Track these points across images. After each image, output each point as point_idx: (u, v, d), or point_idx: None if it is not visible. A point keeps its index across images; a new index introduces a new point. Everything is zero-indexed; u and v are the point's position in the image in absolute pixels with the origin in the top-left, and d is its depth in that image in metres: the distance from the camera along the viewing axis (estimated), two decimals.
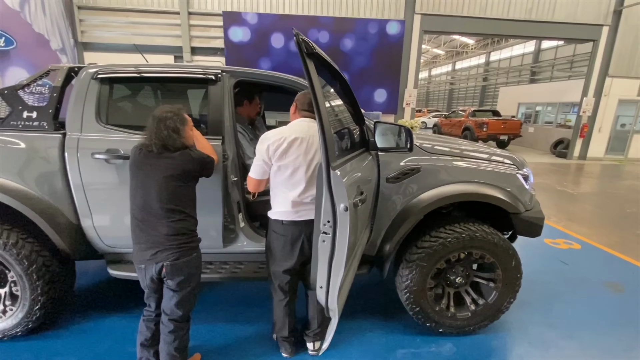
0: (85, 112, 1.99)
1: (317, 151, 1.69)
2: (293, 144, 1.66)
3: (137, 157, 1.60)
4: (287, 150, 1.66)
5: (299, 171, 1.69)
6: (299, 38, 1.19)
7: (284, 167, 1.69)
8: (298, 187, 1.70)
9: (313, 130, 1.71)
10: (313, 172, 1.69)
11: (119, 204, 2.01)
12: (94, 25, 8.88)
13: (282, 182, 1.72)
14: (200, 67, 2.11)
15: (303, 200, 1.71)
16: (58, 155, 1.96)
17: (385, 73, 9.64)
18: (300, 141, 1.67)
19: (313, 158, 1.70)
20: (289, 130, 1.71)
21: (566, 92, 13.60)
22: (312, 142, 1.69)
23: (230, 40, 8.97)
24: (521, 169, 2.29)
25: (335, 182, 1.18)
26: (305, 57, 1.19)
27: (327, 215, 1.23)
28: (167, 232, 1.57)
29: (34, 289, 1.98)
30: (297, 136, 1.68)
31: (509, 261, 2.14)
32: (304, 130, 1.71)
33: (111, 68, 2.03)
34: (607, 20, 10.29)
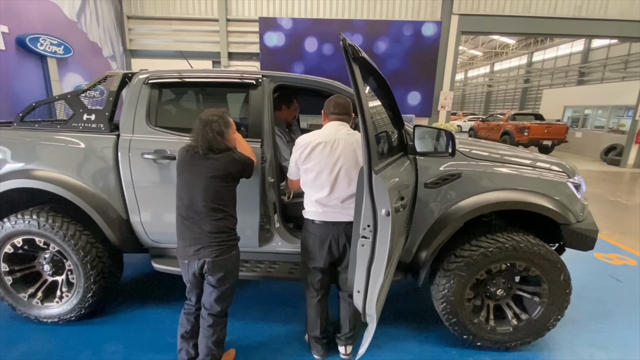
0: (137, 115, 2.13)
1: (342, 154, 1.73)
2: (316, 148, 1.74)
3: (184, 157, 1.69)
4: (309, 154, 1.74)
5: (323, 174, 1.74)
6: (346, 43, 1.20)
7: (309, 170, 1.77)
8: (323, 189, 1.75)
9: (340, 134, 1.76)
10: (338, 175, 1.73)
11: (164, 202, 2.13)
12: (141, 33, 9.50)
13: (309, 184, 1.80)
14: (241, 72, 2.19)
15: (329, 202, 1.76)
16: (112, 155, 2.11)
17: (420, 75, 9.43)
18: (323, 145, 1.73)
19: (337, 161, 1.73)
20: (316, 135, 1.79)
21: (620, 95, 12.54)
22: (336, 146, 1.73)
23: (265, 45, 9.21)
24: (572, 177, 2.14)
25: (377, 186, 1.17)
26: (351, 62, 1.20)
27: (367, 219, 1.23)
28: (210, 230, 1.63)
29: (87, 278, 2.14)
30: (321, 140, 1.74)
31: (557, 275, 2.00)
32: (330, 134, 1.77)
33: (160, 74, 2.16)
34: None
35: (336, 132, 1.77)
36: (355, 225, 1.32)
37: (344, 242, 1.77)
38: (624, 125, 12.63)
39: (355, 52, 1.25)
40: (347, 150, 1.73)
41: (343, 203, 1.74)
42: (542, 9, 9.28)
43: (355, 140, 1.75)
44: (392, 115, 1.95)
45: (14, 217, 2.10)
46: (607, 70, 19.55)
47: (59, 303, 2.23)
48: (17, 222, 2.08)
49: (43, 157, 2.13)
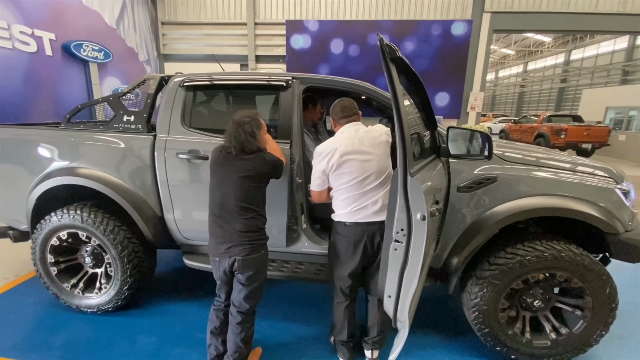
0: (173, 117, 2.21)
1: (370, 153, 1.72)
2: (344, 154, 1.72)
3: (217, 157, 1.74)
4: (340, 161, 1.72)
5: (354, 178, 1.72)
6: (383, 42, 1.18)
7: (340, 174, 1.75)
8: (355, 190, 1.74)
9: (360, 133, 1.77)
10: (369, 176, 1.71)
11: (196, 201, 2.20)
12: (174, 38, 9.91)
13: (341, 187, 1.78)
14: (272, 74, 2.22)
15: (362, 203, 1.73)
16: (149, 154, 2.21)
17: (448, 76, 9.19)
18: (348, 148, 1.73)
19: (367, 162, 1.72)
20: (337, 140, 1.77)
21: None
22: (361, 146, 1.74)
23: (291, 48, 9.33)
24: (620, 183, 1.99)
25: (412, 189, 1.15)
26: (387, 62, 1.18)
27: (400, 223, 1.20)
28: (240, 229, 1.66)
29: (124, 271, 2.25)
30: (344, 144, 1.74)
31: (602, 288, 1.87)
32: (350, 136, 1.77)
33: (195, 77, 2.23)
34: None
35: (355, 132, 1.78)
36: (388, 228, 1.30)
37: (378, 242, 1.75)
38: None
39: (392, 51, 1.23)
40: (376, 147, 1.73)
41: (377, 203, 1.72)
42: (582, 4, 8.77)
43: (377, 137, 1.76)
44: (425, 116, 1.90)
45: (60, 211, 2.24)
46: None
47: (98, 294, 2.36)
48: (63, 217, 2.22)
49: (87, 155, 2.27)
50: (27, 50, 6.09)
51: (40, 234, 2.26)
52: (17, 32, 5.87)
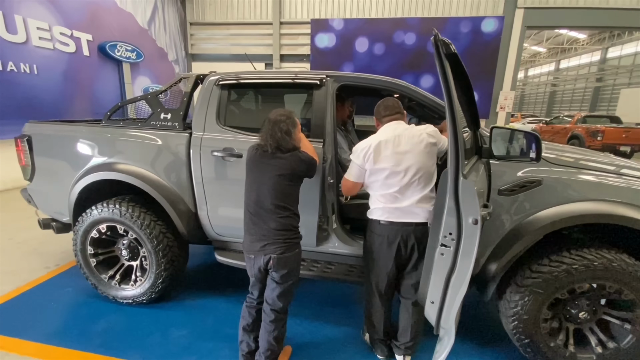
0: (208, 115, 2.25)
1: (410, 151, 1.70)
2: (380, 149, 1.72)
3: (253, 156, 1.74)
4: (378, 155, 1.72)
5: (391, 174, 1.71)
6: (437, 38, 1.14)
7: (376, 170, 1.74)
8: (391, 188, 1.73)
9: (399, 131, 1.76)
10: (407, 172, 1.69)
11: (230, 198, 2.23)
12: (201, 38, 10.14)
13: (376, 184, 1.78)
14: (305, 72, 2.21)
15: (398, 202, 1.72)
16: (185, 152, 2.25)
17: (477, 74, 8.87)
18: (385, 144, 1.72)
19: (403, 159, 1.70)
20: (376, 137, 1.77)
21: None
22: (399, 142, 1.72)
23: (316, 47, 9.31)
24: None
25: (465, 191, 1.10)
26: (442, 58, 1.14)
27: (449, 227, 1.15)
28: (276, 227, 1.66)
29: (159, 265, 2.31)
30: (383, 139, 1.73)
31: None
32: (388, 132, 1.76)
33: (231, 75, 2.26)
34: None
35: (393, 130, 1.76)
36: (434, 231, 1.25)
37: (412, 244, 1.72)
38: None
39: (447, 48, 1.19)
40: (414, 145, 1.69)
41: (414, 204, 1.69)
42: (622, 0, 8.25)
43: (417, 135, 1.72)
44: (469, 115, 1.83)
45: (101, 205, 2.33)
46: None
47: (134, 286, 2.43)
48: (103, 210, 2.30)
49: (126, 152, 2.34)
50: (67, 51, 6.41)
51: (82, 227, 2.36)
52: (57, 34, 6.19)
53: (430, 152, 1.73)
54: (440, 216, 1.20)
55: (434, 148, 1.75)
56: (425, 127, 1.78)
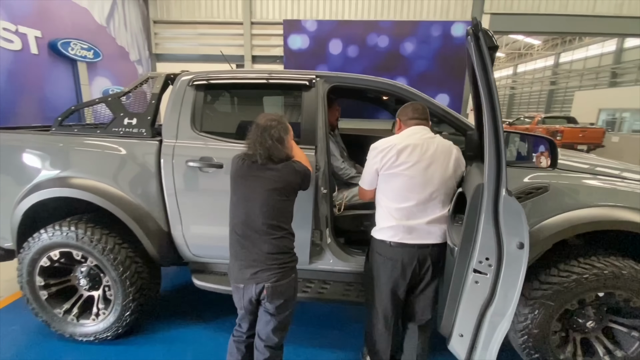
0: (181, 119, 1.97)
1: (435, 162, 1.50)
2: (403, 152, 1.51)
3: (240, 167, 1.50)
4: (397, 158, 1.51)
5: (411, 184, 1.50)
6: (479, 28, 0.97)
7: (393, 176, 1.53)
8: (409, 201, 1.51)
9: (426, 137, 1.56)
10: (429, 184, 1.49)
11: (209, 213, 1.96)
12: (166, 37, 9.56)
13: (390, 195, 1.56)
14: (294, 72, 1.99)
15: (417, 219, 1.51)
16: (154, 162, 1.95)
17: (449, 77, 9.06)
18: (412, 148, 1.51)
19: (430, 167, 1.50)
20: (399, 138, 1.57)
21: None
22: (426, 149, 1.51)
23: (289, 48, 9.07)
24: None
25: (508, 210, 0.94)
26: (485, 51, 0.97)
27: (486, 250, 0.99)
28: (269, 250, 1.43)
29: (126, 294, 1.98)
30: (409, 143, 1.52)
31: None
32: (417, 136, 1.55)
33: (207, 75, 1.99)
34: None
35: (421, 135, 1.56)
36: (462, 254, 1.08)
37: (428, 266, 1.53)
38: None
39: (490, 40, 1.02)
40: (439, 158, 1.50)
41: (431, 223, 1.50)
42: (580, 7, 8.78)
43: (446, 147, 1.53)
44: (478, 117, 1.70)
45: (52, 228, 1.96)
46: None
47: (95, 321, 2.08)
48: (55, 234, 1.94)
49: (81, 164, 2.00)
50: (11, 48, 5.70)
51: (28, 254, 1.98)
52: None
53: (456, 169, 1.55)
54: (470, 238, 1.03)
55: (459, 168, 1.57)
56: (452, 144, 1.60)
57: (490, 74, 0.97)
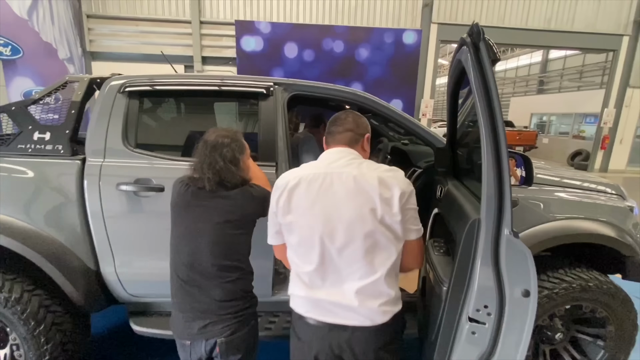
0: (110, 133, 1.62)
1: (344, 201, 1.00)
2: (295, 190, 1.04)
3: (183, 195, 1.23)
4: (289, 201, 1.05)
5: (305, 236, 1.04)
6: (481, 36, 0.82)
7: (291, 227, 1.07)
8: (308, 264, 1.05)
9: (336, 165, 1.05)
10: (333, 240, 1.01)
11: (148, 245, 1.64)
12: (103, 34, 8.64)
13: (293, 251, 1.11)
14: (250, 78, 1.75)
15: (319, 290, 1.04)
16: (75, 186, 1.58)
17: (402, 83, 9.35)
18: (307, 184, 1.03)
19: (333, 213, 1.00)
20: (299, 170, 1.10)
21: (582, 103, 13.32)
22: (330, 183, 1.01)
23: (242, 50, 8.71)
24: (626, 200, 1.91)
25: (513, 253, 0.79)
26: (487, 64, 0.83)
27: (484, 296, 0.84)
28: (222, 297, 1.18)
29: (41, 354, 1.58)
30: (304, 174, 1.05)
31: (626, 316, 1.74)
32: (318, 165, 1.08)
33: (142, 80, 1.67)
34: (627, 30, 10.04)
35: (329, 163, 1.06)
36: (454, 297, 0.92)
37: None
38: (584, 131, 13.46)
39: (492, 52, 0.88)
40: (355, 196, 1.00)
41: (350, 295, 1.01)
42: (515, 20, 9.57)
43: (370, 174, 1.01)
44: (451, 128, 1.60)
45: None
46: (565, 79, 20.89)
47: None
48: None
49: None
50: None
51: None
52: None
53: (383, 212, 0.99)
54: (464, 279, 0.88)
55: (391, 210, 0.99)
56: (387, 169, 1.05)
57: (492, 90, 0.84)
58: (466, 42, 0.85)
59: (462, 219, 0.98)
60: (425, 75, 9.63)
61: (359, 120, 1.17)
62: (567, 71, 21.07)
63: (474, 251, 0.83)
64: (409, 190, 1.01)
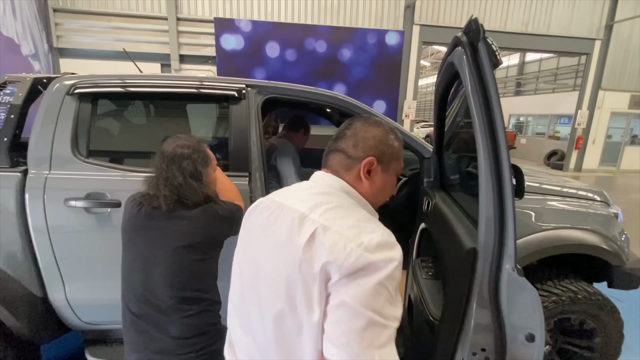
0: (57, 141, 1.42)
1: (276, 251, 0.66)
2: (249, 218, 0.77)
3: (135, 216, 1.06)
4: (242, 230, 0.79)
5: (235, 276, 0.78)
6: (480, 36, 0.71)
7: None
8: (230, 307, 0.78)
9: (297, 197, 0.71)
10: (260, 294, 0.67)
11: (104, 267, 1.46)
12: (72, 29, 8.17)
13: None
14: (217, 79, 1.59)
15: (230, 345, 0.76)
16: (14, 202, 1.38)
17: (385, 84, 9.32)
18: (259, 213, 0.74)
19: (263, 264, 0.68)
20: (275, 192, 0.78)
21: (558, 104, 13.76)
22: (275, 217, 0.69)
23: (222, 48, 8.43)
24: (611, 207, 1.87)
25: (516, 293, 0.68)
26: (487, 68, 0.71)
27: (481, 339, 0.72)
28: (182, 334, 1.02)
29: None
30: (266, 200, 0.76)
31: (613, 326, 1.69)
32: (289, 191, 0.76)
33: (94, 80, 1.48)
34: (600, 35, 10.41)
35: (296, 190, 0.74)
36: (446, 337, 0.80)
37: None
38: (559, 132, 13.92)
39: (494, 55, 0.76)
40: (281, 244, 0.65)
41: None
42: (494, 23, 9.73)
43: (307, 225, 0.63)
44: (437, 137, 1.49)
45: None
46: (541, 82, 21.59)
47: None
48: None
49: None
50: None
51: None
52: None
53: (312, 278, 0.59)
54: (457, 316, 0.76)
55: (305, 294, 0.60)
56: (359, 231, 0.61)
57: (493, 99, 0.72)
58: (462, 41, 0.73)
59: (453, 244, 0.87)
60: (408, 77, 9.64)
61: (365, 134, 0.73)
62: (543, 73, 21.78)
63: (468, 288, 0.72)
64: (357, 273, 0.56)
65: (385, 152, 0.74)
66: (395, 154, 0.75)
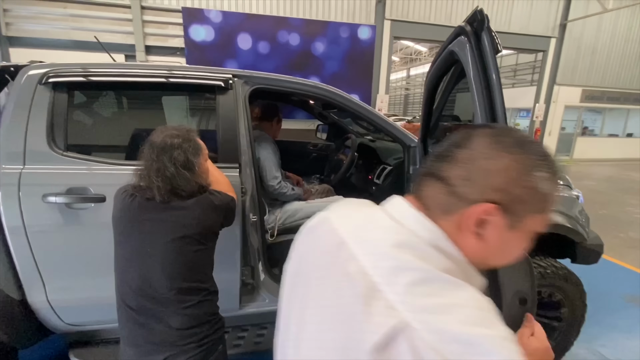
0: (31, 134, 1.34)
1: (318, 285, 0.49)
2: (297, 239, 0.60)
3: (128, 208, 1.03)
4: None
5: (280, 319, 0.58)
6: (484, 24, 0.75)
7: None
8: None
9: (365, 230, 0.50)
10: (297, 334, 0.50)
11: (89, 264, 1.40)
12: (23, 16, 7.52)
13: None
14: (204, 69, 1.56)
15: None
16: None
17: (358, 78, 9.43)
18: (305, 234, 0.59)
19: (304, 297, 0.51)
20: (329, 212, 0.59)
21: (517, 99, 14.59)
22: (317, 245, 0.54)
23: (191, 40, 8.14)
24: (573, 189, 2.05)
25: None
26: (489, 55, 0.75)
27: None
28: (182, 325, 1.01)
29: None
30: (319, 217, 0.59)
31: (578, 297, 1.88)
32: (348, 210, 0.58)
33: (69, 69, 1.40)
34: (554, 33, 11.15)
35: (366, 221, 0.51)
36: None
37: None
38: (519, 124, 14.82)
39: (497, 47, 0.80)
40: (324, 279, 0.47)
41: None
42: (459, 20, 10.08)
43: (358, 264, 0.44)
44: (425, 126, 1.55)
45: None
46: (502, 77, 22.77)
47: None
48: None
49: None
50: None
51: None
52: None
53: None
54: None
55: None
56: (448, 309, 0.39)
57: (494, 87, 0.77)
58: (466, 30, 0.78)
59: None
60: (380, 71, 9.81)
61: (489, 163, 0.45)
62: (503, 69, 22.98)
63: None
64: None
65: (521, 198, 0.44)
66: (539, 203, 0.45)
